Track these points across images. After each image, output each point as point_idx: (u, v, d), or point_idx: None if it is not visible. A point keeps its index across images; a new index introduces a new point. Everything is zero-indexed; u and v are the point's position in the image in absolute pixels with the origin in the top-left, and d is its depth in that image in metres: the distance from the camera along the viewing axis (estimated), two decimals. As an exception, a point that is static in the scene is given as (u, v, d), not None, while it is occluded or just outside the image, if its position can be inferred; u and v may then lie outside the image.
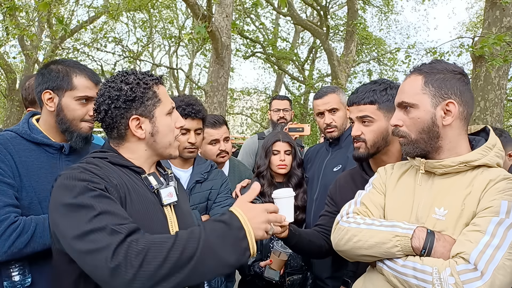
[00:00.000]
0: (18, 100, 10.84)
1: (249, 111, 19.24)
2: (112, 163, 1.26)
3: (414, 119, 1.33)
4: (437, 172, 1.34)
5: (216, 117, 2.54)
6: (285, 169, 2.39)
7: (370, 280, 1.41)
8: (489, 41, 4.30)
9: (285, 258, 2.13)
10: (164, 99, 1.32)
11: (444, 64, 1.35)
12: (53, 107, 1.57)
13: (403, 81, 1.41)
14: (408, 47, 8.43)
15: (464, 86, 1.32)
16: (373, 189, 1.51)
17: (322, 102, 2.40)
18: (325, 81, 16.19)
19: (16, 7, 5.57)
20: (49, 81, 1.57)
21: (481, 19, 11.63)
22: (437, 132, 1.31)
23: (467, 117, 1.34)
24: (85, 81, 1.59)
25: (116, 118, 1.26)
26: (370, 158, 1.76)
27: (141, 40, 14.56)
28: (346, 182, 1.89)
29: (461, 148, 1.33)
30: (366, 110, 1.70)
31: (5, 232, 1.35)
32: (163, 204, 1.30)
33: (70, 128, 1.58)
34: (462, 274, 1.11)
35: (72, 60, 1.67)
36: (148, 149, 1.32)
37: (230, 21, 7.10)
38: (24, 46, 11.00)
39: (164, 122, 1.31)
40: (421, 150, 1.34)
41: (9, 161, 1.45)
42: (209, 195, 2.20)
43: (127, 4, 7.55)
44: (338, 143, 2.42)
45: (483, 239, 1.14)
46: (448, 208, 1.26)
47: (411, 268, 1.21)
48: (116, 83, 1.27)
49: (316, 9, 11.93)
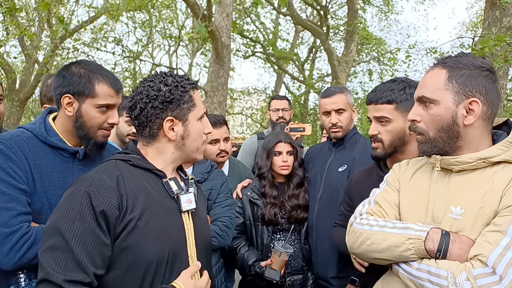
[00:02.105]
0: (18, 100, 10.83)
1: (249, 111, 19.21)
2: (134, 165, 1.27)
3: (434, 116, 1.24)
4: (453, 169, 1.25)
5: (217, 117, 2.54)
6: (287, 170, 2.40)
7: (387, 283, 1.36)
8: (490, 42, 4.29)
9: (286, 258, 2.14)
10: (198, 104, 1.34)
11: (471, 58, 1.25)
12: (72, 112, 1.52)
13: (425, 73, 1.32)
14: (408, 46, 8.46)
15: (491, 84, 1.23)
16: (387, 186, 1.45)
17: (330, 102, 2.40)
18: (325, 81, 16.18)
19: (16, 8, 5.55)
20: (70, 85, 1.50)
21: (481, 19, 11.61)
22: (457, 132, 1.23)
23: (491, 117, 1.25)
24: (107, 89, 1.53)
25: (151, 117, 1.28)
26: (388, 158, 1.75)
27: (141, 40, 14.55)
28: (361, 179, 1.88)
29: (482, 147, 1.24)
30: (383, 110, 1.69)
31: (17, 243, 1.34)
32: (181, 211, 1.30)
33: (87, 135, 1.54)
34: (479, 279, 1.04)
35: (94, 63, 1.59)
36: (176, 152, 1.33)
37: (230, 21, 7.09)
38: (24, 46, 10.98)
39: (196, 126, 1.33)
40: (439, 150, 1.26)
41: (25, 165, 1.43)
42: (209, 195, 2.20)
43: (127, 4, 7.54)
44: (342, 143, 2.42)
45: (503, 241, 1.06)
46: (465, 207, 1.18)
47: (426, 272, 1.15)
48: (155, 83, 1.29)
49: (316, 9, 11.92)
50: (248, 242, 2.38)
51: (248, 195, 2.40)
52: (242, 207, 2.40)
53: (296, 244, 2.34)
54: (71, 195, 1.15)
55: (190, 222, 1.32)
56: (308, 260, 2.34)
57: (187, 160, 1.38)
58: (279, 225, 2.35)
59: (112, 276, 1.16)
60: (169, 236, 1.23)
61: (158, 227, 1.21)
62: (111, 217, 1.14)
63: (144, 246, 1.17)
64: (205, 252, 1.38)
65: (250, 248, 2.34)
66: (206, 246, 1.39)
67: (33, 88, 11.28)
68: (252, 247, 2.35)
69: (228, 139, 2.59)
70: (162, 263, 1.19)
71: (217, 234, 2.07)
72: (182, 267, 1.25)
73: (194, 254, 1.30)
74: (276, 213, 2.32)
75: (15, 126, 10.51)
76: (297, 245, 2.34)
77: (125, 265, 1.16)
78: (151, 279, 1.17)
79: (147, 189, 1.24)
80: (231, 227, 2.15)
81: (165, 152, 1.32)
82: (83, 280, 1.08)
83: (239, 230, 2.35)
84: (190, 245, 1.30)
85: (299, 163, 2.46)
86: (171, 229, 1.25)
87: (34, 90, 11.30)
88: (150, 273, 1.17)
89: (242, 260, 2.29)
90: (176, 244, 1.25)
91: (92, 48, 13.31)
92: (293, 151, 2.42)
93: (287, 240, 2.27)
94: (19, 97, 10.88)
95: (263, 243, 2.32)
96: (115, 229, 1.15)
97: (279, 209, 2.34)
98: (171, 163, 1.34)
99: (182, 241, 1.28)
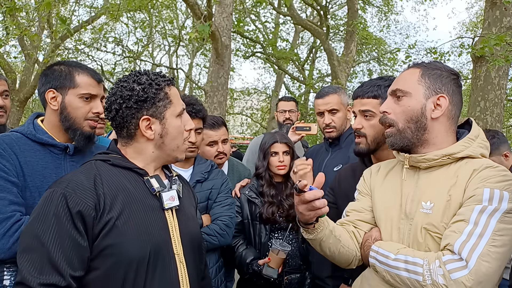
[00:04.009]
0: (18, 100, 10.83)
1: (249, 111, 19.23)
2: (113, 165, 1.26)
3: (405, 107, 1.34)
4: (421, 166, 1.34)
5: (215, 118, 2.54)
6: (284, 170, 2.40)
7: (366, 280, 1.42)
8: (491, 42, 4.28)
9: (283, 256, 2.14)
10: (175, 101, 1.32)
11: (442, 64, 1.40)
12: (56, 105, 1.59)
13: (400, 73, 1.45)
14: (408, 47, 8.42)
15: (457, 88, 1.36)
16: (359, 194, 1.56)
17: (323, 102, 2.41)
18: (325, 81, 16.19)
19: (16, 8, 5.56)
20: (52, 80, 1.59)
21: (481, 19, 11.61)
22: (424, 124, 1.32)
23: (454, 118, 1.36)
24: (88, 79, 1.61)
25: (127, 118, 1.26)
26: (371, 153, 1.78)
27: (141, 40, 14.55)
28: (347, 176, 1.92)
29: (447, 145, 1.34)
30: (369, 104, 1.73)
31: (10, 229, 1.37)
32: (164, 208, 1.29)
33: (73, 126, 1.59)
34: (448, 264, 1.13)
35: (74, 60, 1.72)
36: (156, 151, 1.31)
37: (230, 21, 7.10)
38: (24, 46, 10.99)
39: (174, 124, 1.31)
40: (407, 141, 1.34)
41: (14, 160, 1.47)
42: (210, 195, 2.21)
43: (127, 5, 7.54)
44: (338, 143, 2.43)
45: (467, 228, 1.16)
46: (434, 201, 1.27)
47: (403, 262, 1.22)
48: (129, 83, 1.27)
49: (316, 9, 11.92)
50: (246, 241, 2.38)
51: (246, 194, 2.40)
52: (240, 206, 2.40)
53: (294, 243, 2.35)
54: (47, 198, 1.15)
55: (174, 219, 1.31)
56: (305, 259, 2.34)
57: (168, 160, 1.36)
58: (277, 224, 2.35)
59: (94, 276, 1.15)
60: (150, 234, 1.22)
61: (138, 225, 1.20)
62: (88, 217, 1.13)
63: (124, 245, 1.16)
64: (192, 249, 1.36)
65: (248, 246, 2.34)
66: (193, 243, 1.37)
67: (33, 88, 11.29)
68: (250, 245, 2.36)
69: (227, 141, 2.58)
70: (143, 261, 1.18)
71: (217, 233, 2.07)
72: (166, 265, 1.24)
73: (180, 251, 1.29)
74: (274, 211, 2.33)
75: (15, 126, 10.51)
76: (294, 244, 2.35)
77: (106, 265, 1.15)
78: (133, 277, 1.17)
79: (127, 188, 1.24)
80: (231, 226, 2.16)
81: (145, 152, 1.31)
82: (59, 284, 1.08)
83: (237, 229, 2.35)
84: (175, 242, 1.28)
85: None
86: (153, 227, 1.23)
87: (34, 90, 11.31)
88: (132, 272, 1.16)
89: (240, 258, 2.29)
90: (159, 242, 1.23)
91: (92, 48, 13.33)
92: (290, 151, 2.43)
93: (285, 239, 2.27)
94: (19, 97, 10.88)
95: (261, 242, 2.32)
96: (93, 230, 1.15)
97: (277, 208, 2.35)
98: (152, 161, 1.33)
99: (166, 239, 1.26)
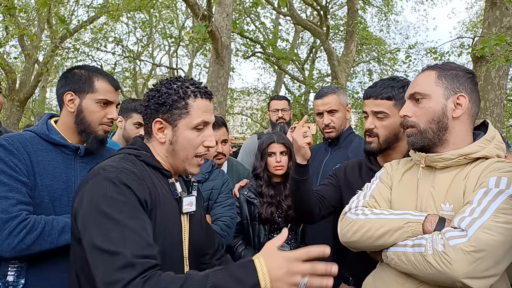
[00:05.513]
0: (18, 100, 10.82)
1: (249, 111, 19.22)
2: (145, 162, 1.27)
3: (425, 109, 1.34)
4: (437, 166, 1.34)
5: (215, 118, 2.53)
6: (282, 170, 2.40)
7: (379, 277, 1.42)
8: (491, 42, 4.28)
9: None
10: (194, 113, 1.28)
11: (456, 64, 1.40)
12: (73, 108, 1.63)
13: (415, 77, 1.45)
14: (408, 47, 8.42)
15: (474, 86, 1.36)
16: (381, 183, 1.53)
17: (322, 103, 2.41)
18: (325, 81, 16.18)
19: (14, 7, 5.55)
20: (72, 83, 1.64)
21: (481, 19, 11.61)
22: (446, 124, 1.32)
23: (474, 116, 1.36)
24: (106, 85, 1.66)
25: (147, 116, 1.32)
26: (382, 153, 1.79)
27: (141, 40, 14.54)
28: (353, 168, 1.93)
29: (465, 145, 1.33)
30: (382, 106, 1.73)
31: (16, 228, 1.38)
32: (182, 212, 1.31)
33: (87, 129, 1.64)
34: (447, 233, 1.16)
35: (94, 66, 1.77)
36: (169, 156, 1.32)
37: (230, 21, 7.08)
38: (24, 46, 10.97)
39: (185, 134, 1.29)
40: (428, 141, 1.34)
41: (26, 160, 1.49)
42: (210, 195, 2.21)
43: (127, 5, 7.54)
44: (337, 143, 2.43)
45: (470, 207, 1.17)
46: (453, 202, 1.27)
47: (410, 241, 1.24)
48: (161, 85, 1.32)
49: (316, 9, 11.92)
50: (245, 241, 2.38)
51: (245, 194, 2.41)
52: (239, 207, 2.40)
53: (293, 243, 2.35)
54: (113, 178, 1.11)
55: (187, 224, 1.33)
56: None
57: (179, 170, 1.35)
58: (276, 224, 2.35)
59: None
60: (168, 236, 1.23)
61: (164, 226, 1.21)
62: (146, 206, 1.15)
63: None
64: (195, 254, 1.38)
65: (247, 247, 2.35)
66: (196, 250, 1.39)
67: (33, 88, 11.28)
68: (249, 246, 2.36)
69: (227, 141, 2.57)
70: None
71: (218, 233, 2.07)
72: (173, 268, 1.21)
73: (187, 255, 1.31)
74: (273, 212, 2.33)
75: (15, 126, 10.51)
76: (294, 244, 2.35)
77: None
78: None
79: (157, 186, 1.25)
80: (232, 226, 2.16)
81: (161, 153, 1.33)
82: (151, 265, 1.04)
83: (237, 229, 2.35)
84: (185, 246, 1.30)
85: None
86: (171, 230, 1.25)
87: (34, 90, 11.31)
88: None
89: (238, 258, 2.29)
90: (171, 244, 1.24)
91: (92, 48, 13.32)
92: (287, 151, 2.43)
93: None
94: (19, 97, 10.87)
95: (260, 242, 2.32)
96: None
97: (276, 208, 2.35)
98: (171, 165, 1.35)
99: (178, 242, 1.28)
